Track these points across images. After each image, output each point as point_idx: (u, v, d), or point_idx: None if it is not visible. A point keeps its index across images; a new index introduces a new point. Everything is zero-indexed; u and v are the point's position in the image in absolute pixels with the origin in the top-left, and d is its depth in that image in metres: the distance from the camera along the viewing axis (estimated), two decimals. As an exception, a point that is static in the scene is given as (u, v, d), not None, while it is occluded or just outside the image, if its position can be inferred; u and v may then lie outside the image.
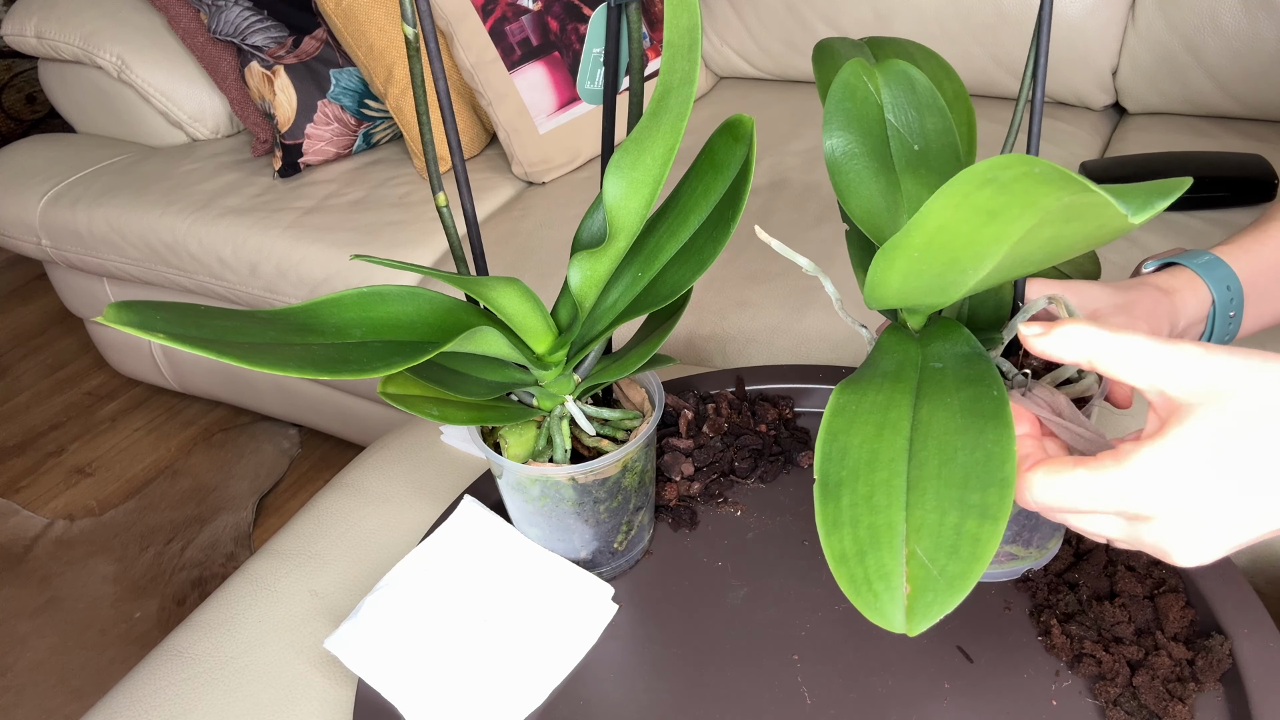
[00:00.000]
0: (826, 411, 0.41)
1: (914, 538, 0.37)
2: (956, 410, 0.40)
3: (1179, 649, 0.52)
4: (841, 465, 0.40)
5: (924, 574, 0.36)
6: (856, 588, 0.37)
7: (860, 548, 0.37)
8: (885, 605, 0.37)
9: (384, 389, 0.50)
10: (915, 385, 0.43)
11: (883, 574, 0.37)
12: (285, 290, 1.36)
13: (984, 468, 0.38)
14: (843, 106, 0.51)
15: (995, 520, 0.36)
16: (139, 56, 1.58)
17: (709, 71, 1.61)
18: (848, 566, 0.37)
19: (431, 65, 0.48)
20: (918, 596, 0.36)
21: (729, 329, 1.04)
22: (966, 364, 0.43)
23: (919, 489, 0.38)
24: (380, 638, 0.58)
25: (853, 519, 0.38)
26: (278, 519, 1.54)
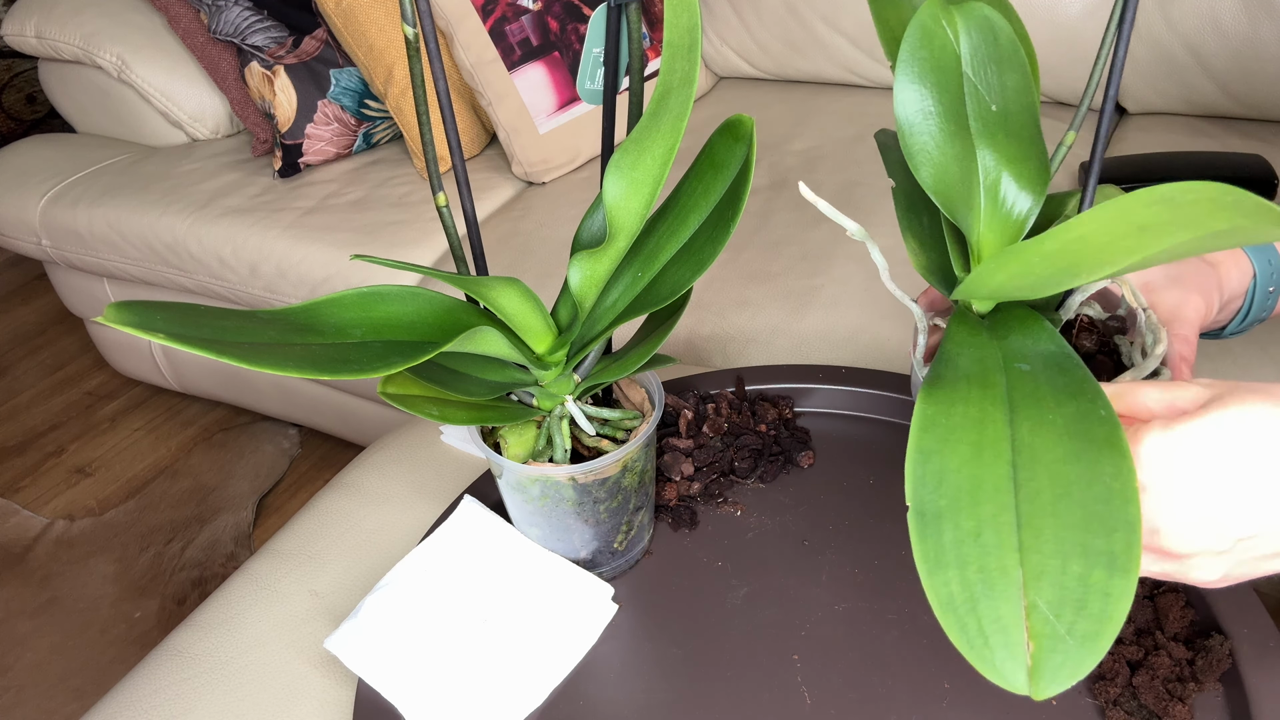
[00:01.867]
0: (914, 426, 0.38)
1: (1033, 587, 0.33)
2: (1061, 431, 0.37)
3: (1179, 649, 0.52)
4: (939, 492, 0.36)
5: (1049, 631, 0.33)
6: (969, 640, 0.33)
7: (971, 594, 0.34)
8: (1004, 663, 0.33)
9: (384, 389, 0.50)
10: (1005, 394, 0.39)
11: (1000, 627, 0.33)
12: (285, 290, 1.36)
13: (1105, 507, 0.34)
14: (918, 55, 0.44)
15: (1125, 573, 0.33)
16: (139, 56, 1.58)
17: (709, 71, 1.61)
18: (957, 614, 0.34)
19: (431, 65, 0.48)
20: (1045, 658, 0.33)
21: (729, 329, 1.04)
22: (1058, 370, 0.40)
23: (1033, 528, 0.35)
24: (380, 638, 0.58)
25: (959, 559, 0.34)
26: (278, 519, 1.54)
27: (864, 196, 1.18)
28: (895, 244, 1.08)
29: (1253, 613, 0.52)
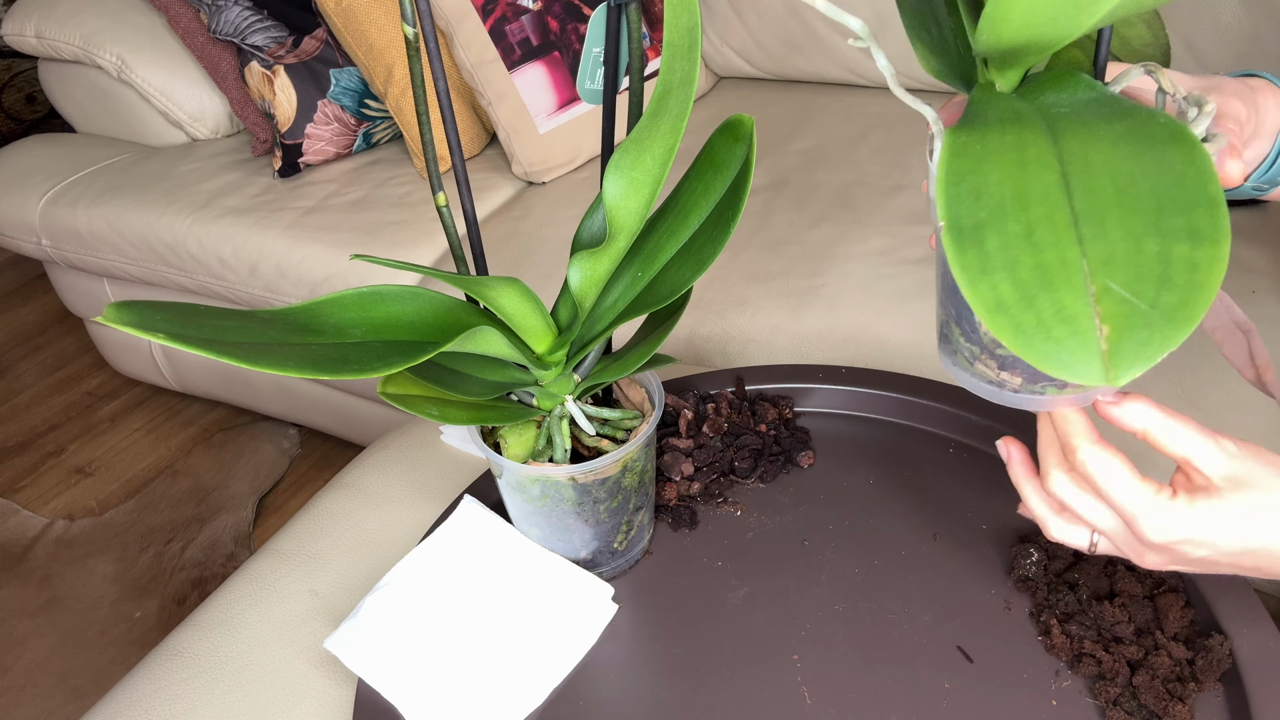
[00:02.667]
0: (943, 156, 0.34)
1: (1101, 272, 0.30)
2: (1116, 140, 0.34)
3: (1179, 649, 0.52)
4: (977, 206, 0.32)
5: (1126, 310, 0.30)
6: (1027, 338, 0.30)
7: (1025, 292, 0.30)
8: (1072, 353, 0.30)
9: (384, 389, 0.50)
10: (1046, 127, 0.36)
11: (1064, 317, 0.30)
12: (285, 290, 1.36)
13: (1179, 189, 0.31)
14: None
15: (1214, 243, 0.30)
16: (139, 56, 1.58)
17: (709, 71, 1.61)
18: (1009, 315, 0.30)
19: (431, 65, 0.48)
20: (1123, 336, 0.29)
21: (729, 329, 1.04)
22: (1103, 105, 0.37)
23: (1094, 222, 0.31)
24: (380, 638, 0.58)
25: (1008, 261, 0.31)
26: (278, 519, 1.54)
27: (864, 196, 1.18)
28: (896, 243, 1.08)
29: (1253, 613, 0.52)
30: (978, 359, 0.45)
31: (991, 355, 0.44)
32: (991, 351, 0.44)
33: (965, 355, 0.46)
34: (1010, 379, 0.44)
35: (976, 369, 0.45)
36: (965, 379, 0.46)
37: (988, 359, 0.44)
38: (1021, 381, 0.44)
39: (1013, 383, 0.45)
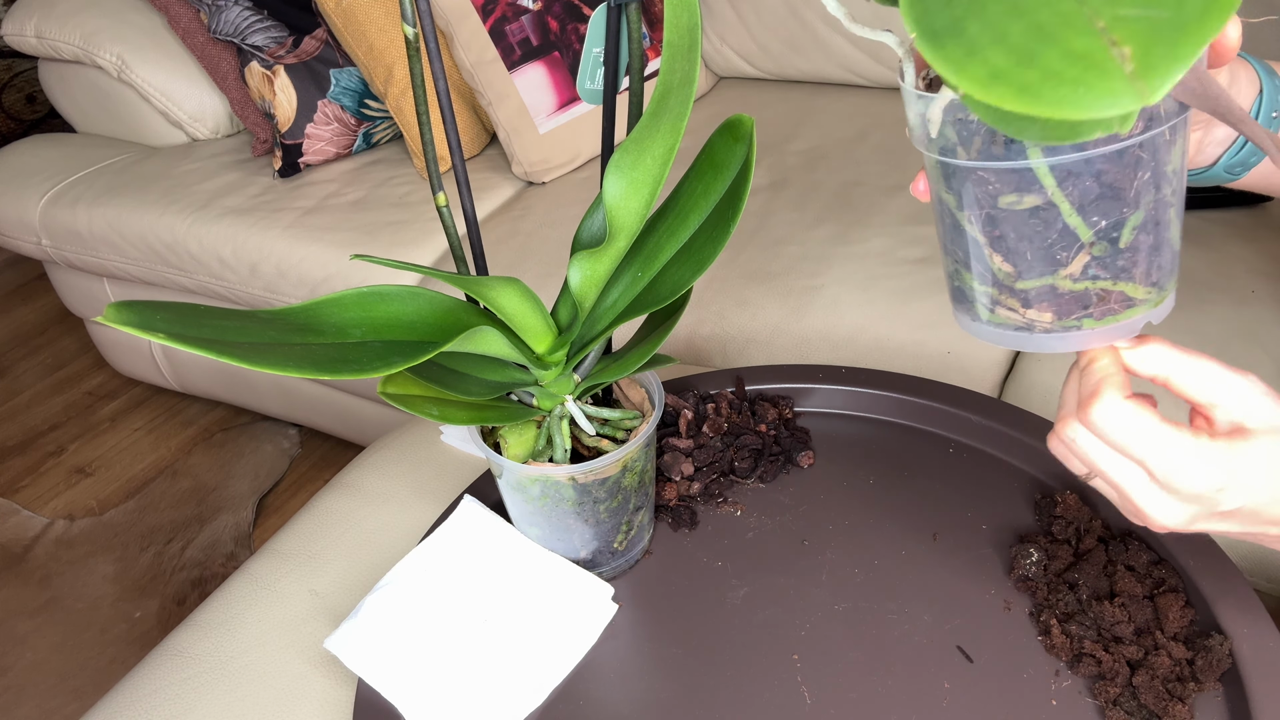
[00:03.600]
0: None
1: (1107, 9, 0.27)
2: None
3: (1179, 649, 0.52)
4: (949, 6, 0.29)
5: (1146, 25, 0.26)
6: (1034, 93, 0.27)
7: (1022, 54, 0.27)
8: (1092, 86, 0.26)
9: (384, 389, 0.50)
10: None
11: (1074, 58, 0.27)
12: (285, 290, 1.36)
13: None
14: None
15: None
16: (139, 56, 1.58)
17: (709, 71, 1.61)
18: (1008, 80, 0.27)
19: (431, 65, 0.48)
20: (1149, 47, 0.26)
21: (729, 329, 1.04)
22: None
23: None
24: (380, 638, 0.58)
25: (996, 36, 0.28)
26: (278, 519, 1.54)
27: (864, 196, 1.18)
28: (895, 243, 1.08)
29: (1253, 613, 0.52)
30: (998, 303, 0.42)
31: (1012, 293, 0.41)
32: (1011, 288, 0.41)
33: (983, 303, 0.43)
34: (1039, 316, 0.41)
35: (999, 315, 0.43)
36: (988, 332, 0.43)
37: (1008, 298, 0.42)
38: (1052, 318, 0.41)
39: (1042, 320, 0.42)
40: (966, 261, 0.42)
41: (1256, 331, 0.88)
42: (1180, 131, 0.39)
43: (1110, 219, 0.39)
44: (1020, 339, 0.43)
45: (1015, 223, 0.39)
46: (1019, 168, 0.38)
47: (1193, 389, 0.42)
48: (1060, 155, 0.37)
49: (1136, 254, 0.40)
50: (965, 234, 0.41)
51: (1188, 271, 0.96)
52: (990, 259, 0.41)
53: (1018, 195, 0.39)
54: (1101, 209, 0.38)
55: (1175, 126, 0.39)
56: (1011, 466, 0.66)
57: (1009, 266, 0.41)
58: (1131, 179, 0.38)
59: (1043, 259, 0.40)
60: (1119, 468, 0.42)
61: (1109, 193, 0.38)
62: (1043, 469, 0.64)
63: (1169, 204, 0.40)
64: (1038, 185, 0.38)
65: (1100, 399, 0.41)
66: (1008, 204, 0.39)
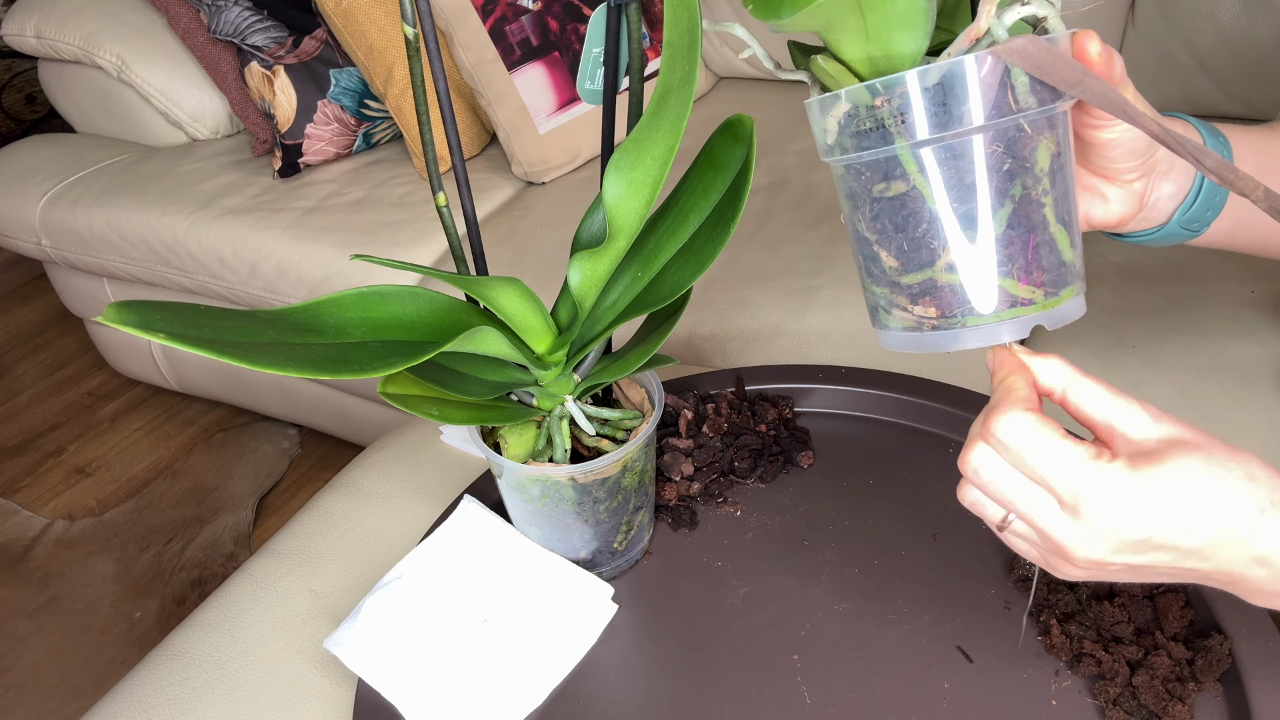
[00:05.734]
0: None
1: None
2: None
3: (1179, 649, 0.52)
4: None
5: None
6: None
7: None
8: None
9: (384, 389, 0.50)
10: None
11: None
12: (285, 290, 1.36)
13: None
14: None
15: None
16: (139, 56, 1.58)
17: (709, 71, 1.61)
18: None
19: (431, 65, 0.48)
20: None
21: (729, 329, 1.04)
22: None
23: None
24: (380, 638, 0.58)
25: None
26: (278, 519, 1.54)
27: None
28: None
29: (1253, 613, 0.52)
30: (893, 304, 0.44)
31: (901, 289, 0.43)
32: (899, 284, 0.43)
33: (884, 308, 0.44)
34: (925, 313, 0.43)
35: (895, 318, 0.44)
36: (897, 339, 0.45)
37: (899, 296, 0.43)
38: (936, 313, 0.43)
39: (928, 317, 0.43)
40: (869, 269, 0.45)
41: (1256, 332, 0.88)
42: (1046, 132, 0.41)
43: (969, 203, 0.41)
44: (914, 339, 0.44)
45: (890, 212, 0.42)
46: (884, 155, 0.41)
47: (1091, 409, 0.41)
48: (917, 142, 0.40)
49: (1010, 248, 0.41)
50: (863, 240, 0.44)
51: (1187, 270, 0.96)
52: (879, 256, 0.43)
53: (886, 182, 0.42)
54: (959, 195, 0.41)
55: (1036, 124, 0.41)
56: (1011, 466, 0.66)
57: (894, 261, 0.43)
58: (985, 168, 0.41)
59: (919, 248, 0.42)
60: (1026, 494, 0.40)
61: (964, 180, 0.41)
62: (1043, 469, 0.64)
63: (1040, 204, 0.41)
64: (900, 170, 0.41)
65: (1002, 413, 0.40)
66: (879, 192, 0.42)
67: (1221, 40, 1.20)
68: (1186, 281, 0.95)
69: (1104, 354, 0.89)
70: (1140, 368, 0.86)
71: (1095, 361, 0.88)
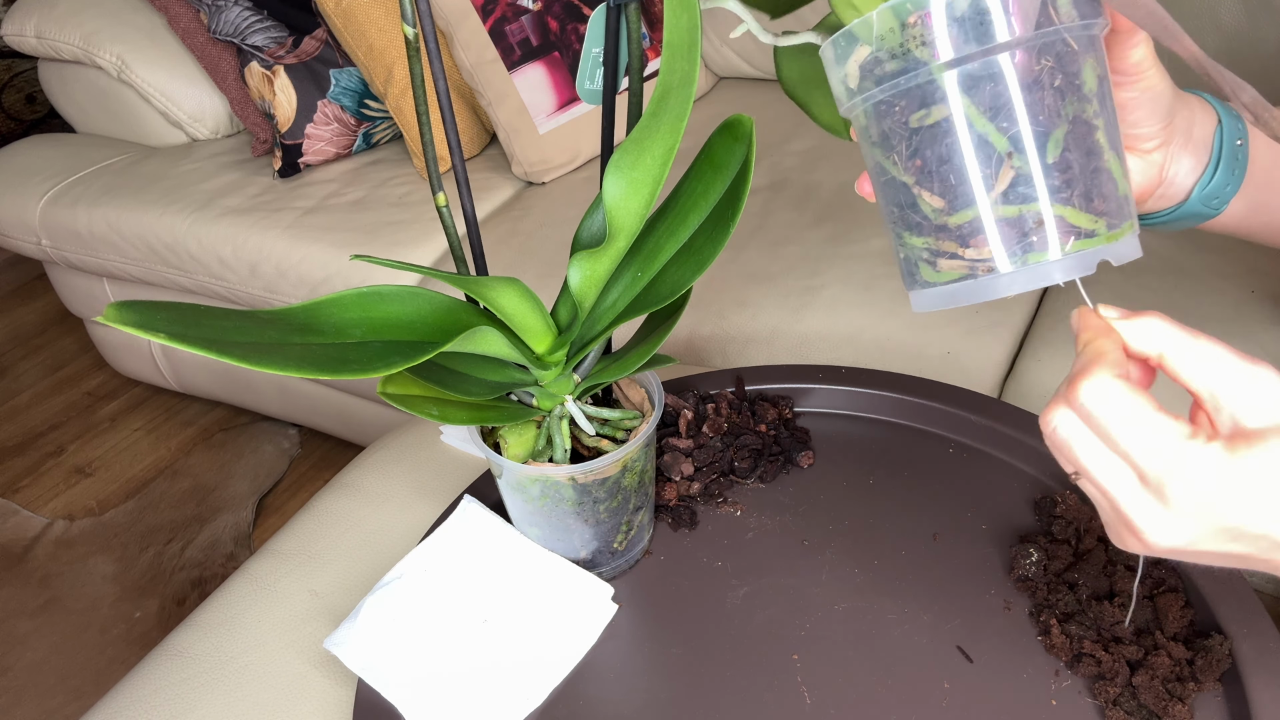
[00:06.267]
0: None
1: None
2: None
3: (1179, 649, 0.52)
4: None
5: None
6: None
7: None
8: None
9: (384, 389, 0.50)
10: None
11: None
12: (285, 290, 1.36)
13: None
14: None
15: None
16: (139, 56, 1.58)
17: (709, 71, 1.61)
18: None
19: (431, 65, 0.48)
20: None
21: (729, 329, 1.04)
22: None
23: None
24: (380, 638, 0.58)
25: None
26: (278, 519, 1.54)
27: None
28: (895, 244, 1.07)
29: (1253, 613, 0.52)
30: (939, 254, 0.41)
31: (949, 233, 0.40)
32: (946, 227, 0.40)
33: (927, 260, 0.41)
34: (979, 254, 0.39)
35: (942, 269, 0.41)
36: (938, 295, 0.41)
37: (947, 242, 0.40)
38: (992, 252, 0.39)
39: (983, 259, 0.39)
40: (906, 219, 0.41)
41: (1256, 332, 0.88)
42: (1090, 51, 0.39)
43: (1018, 125, 0.38)
44: (968, 289, 0.40)
45: (932, 144, 0.39)
46: (921, 80, 0.38)
47: (1192, 373, 0.36)
48: (957, 59, 0.38)
49: (1069, 173, 0.39)
50: (898, 187, 0.41)
51: (1186, 271, 0.96)
52: (921, 199, 0.40)
53: (925, 109, 0.39)
54: (1009, 115, 0.38)
55: (1080, 41, 0.39)
56: (1011, 466, 0.66)
57: (939, 200, 0.40)
58: (1032, 85, 0.38)
59: (967, 180, 0.39)
60: (1105, 465, 0.37)
61: (1010, 98, 0.38)
62: (1043, 469, 0.64)
63: (1093, 126, 0.39)
64: (940, 93, 0.38)
65: (1088, 376, 0.36)
66: (918, 121, 0.39)
67: (1221, 40, 1.20)
68: (1186, 281, 0.95)
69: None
70: (1140, 368, 0.86)
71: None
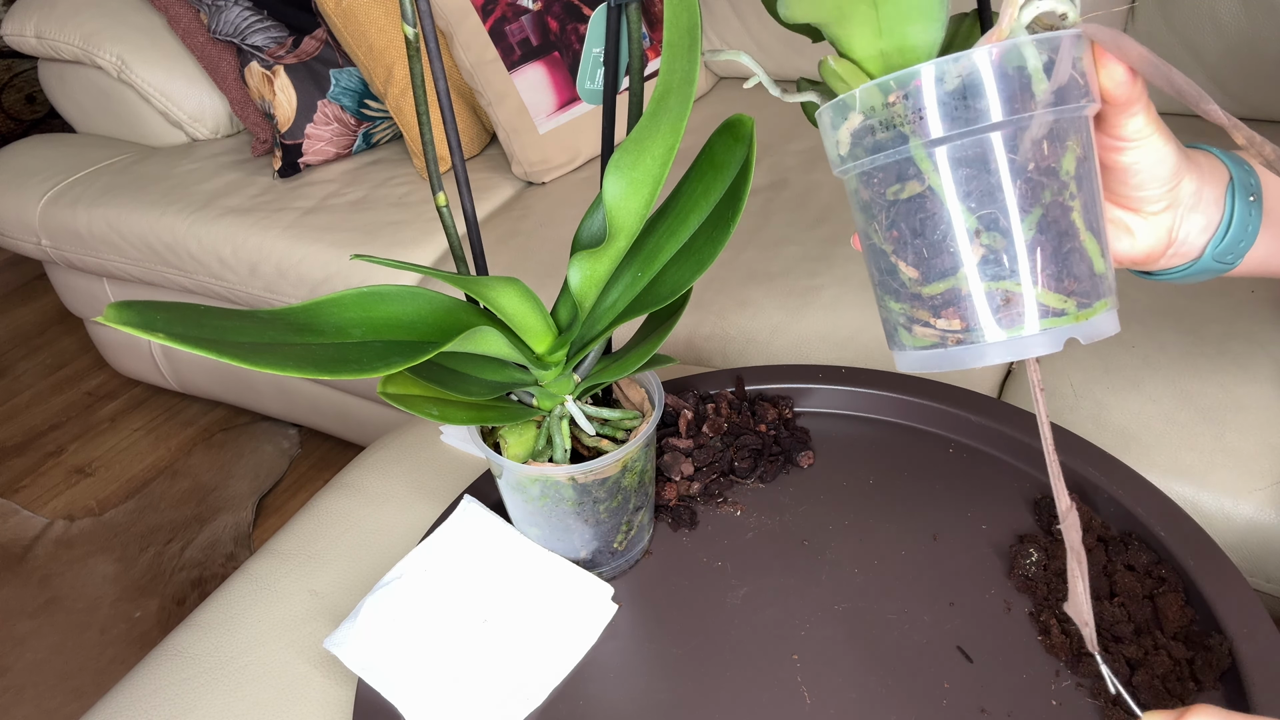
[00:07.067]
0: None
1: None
2: None
3: (1179, 649, 0.52)
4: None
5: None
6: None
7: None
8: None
9: (384, 389, 0.50)
10: None
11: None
12: (285, 290, 1.36)
13: None
14: None
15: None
16: (139, 56, 1.58)
17: (709, 71, 1.61)
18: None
19: (431, 65, 0.48)
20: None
21: (729, 329, 1.04)
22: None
23: None
24: (380, 638, 0.58)
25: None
26: (278, 519, 1.54)
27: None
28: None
29: (1253, 613, 0.52)
30: (914, 320, 0.42)
31: (922, 302, 0.41)
32: (920, 296, 0.41)
33: (903, 325, 0.43)
34: (949, 326, 0.41)
35: (917, 335, 0.42)
36: (914, 359, 0.43)
37: (920, 310, 0.42)
38: (961, 325, 0.40)
39: (953, 331, 0.41)
40: (886, 284, 0.43)
41: (1256, 332, 0.88)
42: (1070, 134, 0.40)
43: (990, 207, 0.39)
44: (936, 358, 0.42)
45: (907, 216, 0.41)
46: (899, 157, 0.40)
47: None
48: (933, 140, 0.39)
49: (1040, 253, 0.39)
50: (879, 253, 0.43)
51: (1188, 271, 0.95)
52: (898, 267, 0.42)
53: (900, 184, 0.40)
54: (981, 196, 0.39)
55: (1059, 124, 0.39)
56: (1011, 466, 0.66)
57: (914, 271, 0.41)
58: (1006, 169, 0.39)
59: (939, 254, 0.40)
60: None
61: (984, 180, 0.39)
62: (1043, 469, 0.64)
63: (1068, 208, 0.40)
64: (915, 170, 0.40)
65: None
66: (894, 195, 0.41)
67: (1221, 40, 1.20)
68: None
69: (1104, 354, 0.89)
70: (1140, 368, 0.86)
71: (1095, 361, 0.88)
